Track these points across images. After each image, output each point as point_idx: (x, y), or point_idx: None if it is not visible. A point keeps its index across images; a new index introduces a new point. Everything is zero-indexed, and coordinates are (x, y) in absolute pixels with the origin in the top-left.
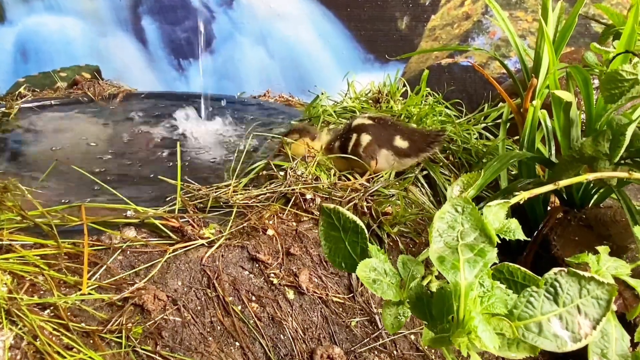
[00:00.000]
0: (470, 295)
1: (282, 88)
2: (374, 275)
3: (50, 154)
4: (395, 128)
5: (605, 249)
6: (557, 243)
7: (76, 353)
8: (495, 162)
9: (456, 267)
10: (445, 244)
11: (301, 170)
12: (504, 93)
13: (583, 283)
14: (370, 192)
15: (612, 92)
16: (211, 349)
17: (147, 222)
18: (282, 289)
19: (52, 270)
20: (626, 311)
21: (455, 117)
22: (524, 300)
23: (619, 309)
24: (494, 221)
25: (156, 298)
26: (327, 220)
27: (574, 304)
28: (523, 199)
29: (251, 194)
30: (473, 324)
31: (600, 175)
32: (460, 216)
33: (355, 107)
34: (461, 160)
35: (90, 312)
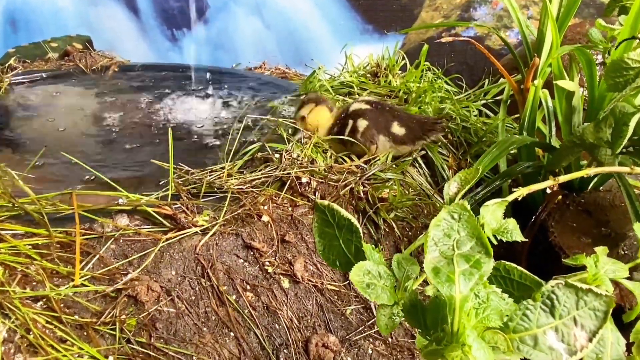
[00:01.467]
0: (465, 307)
1: (278, 60)
2: (367, 279)
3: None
4: (393, 114)
5: (604, 250)
6: (554, 230)
7: (70, 346)
8: (494, 148)
9: (451, 279)
10: (440, 254)
11: (297, 153)
12: (505, 71)
13: (580, 295)
14: (367, 175)
15: (617, 81)
16: (206, 340)
17: (140, 209)
18: (277, 277)
19: (44, 260)
20: (622, 302)
21: (454, 93)
22: (520, 313)
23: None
24: (491, 221)
25: (149, 289)
26: (321, 217)
27: (570, 315)
28: (521, 195)
29: (245, 179)
30: (467, 341)
31: (601, 170)
32: (457, 223)
33: (352, 82)
34: (460, 139)
35: (83, 304)
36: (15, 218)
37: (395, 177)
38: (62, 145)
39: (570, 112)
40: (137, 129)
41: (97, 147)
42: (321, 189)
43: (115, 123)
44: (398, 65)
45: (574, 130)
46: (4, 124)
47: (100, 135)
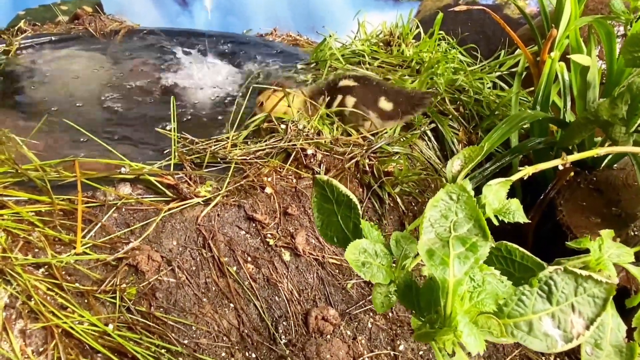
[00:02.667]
0: (459, 291)
1: (289, 26)
2: (363, 257)
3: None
4: (380, 89)
5: (609, 233)
6: (563, 208)
7: (70, 313)
8: (504, 124)
9: (445, 262)
10: (436, 235)
11: (303, 124)
12: (520, 42)
13: (580, 281)
14: (373, 149)
15: (635, 56)
16: (205, 311)
17: (142, 178)
18: (278, 250)
19: (46, 227)
20: (628, 284)
21: (468, 64)
22: (516, 298)
23: (620, 282)
24: (493, 201)
25: (150, 259)
26: (321, 192)
27: (568, 302)
28: (527, 174)
29: (250, 149)
30: (459, 327)
31: (612, 149)
32: (455, 204)
33: (364, 51)
34: (472, 112)
35: (84, 272)
36: (19, 184)
37: (402, 150)
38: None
39: (585, 88)
40: (143, 95)
41: (104, 114)
42: (326, 161)
43: (122, 89)
44: (412, 34)
45: (589, 106)
46: (12, 88)
47: (106, 101)
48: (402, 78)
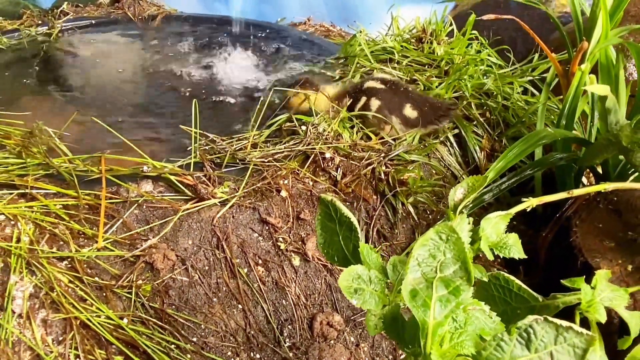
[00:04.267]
0: (439, 332)
1: (323, 16)
2: (356, 284)
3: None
4: (407, 95)
5: (606, 274)
6: (578, 229)
7: (89, 306)
8: (522, 142)
9: (427, 304)
10: (422, 275)
11: (323, 127)
12: (549, 52)
13: (560, 331)
14: (391, 156)
15: None
16: (214, 310)
17: (163, 176)
18: (289, 254)
19: (72, 221)
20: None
21: (500, 67)
22: (494, 344)
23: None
24: (491, 234)
25: (166, 257)
26: (325, 211)
27: (547, 350)
28: (531, 205)
29: (268, 152)
30: None
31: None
32: (444, 244)
33: (394, 48)
34: (498, 119)
35: (104, 267)
36: (49, 177)
37: (420, 159)
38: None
39: (605, 113)
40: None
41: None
42: (344, 165)
43: (154, 78)
44: (445, 31)
45: (611, 128)
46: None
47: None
48: (429, 79)
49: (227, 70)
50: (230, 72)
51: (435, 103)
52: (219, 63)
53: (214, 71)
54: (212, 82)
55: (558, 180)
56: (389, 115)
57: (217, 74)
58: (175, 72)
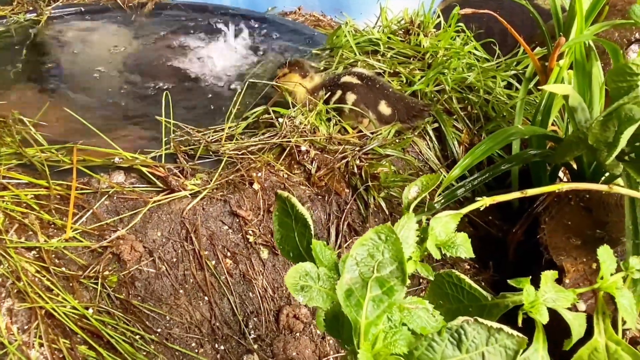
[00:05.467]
0: (372, 331)
1: (314, 5)
2: (303, 281)
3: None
4: (382, 92)
5: (552, 275)
6: (546, 226)
7: (55, 296)
8: (490, 139)
9: (360, 304)
10: (360, 274)
11: (299, 120)
12: (527, 47)
13: (492, 332)
14: (365, 150)
15: (619, 86)
16: (180, 302)
17: (135, 167)
18: (257, 247)
19: (42, 211)
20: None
21: (485, 60)
22: (426, 344)
23: (587, 310)
24: (440, 233)
25: (133, 249)
26: (282, 207)
27: (478, 351)
28: (484, 205)
29: (242, 144)
30: None
31: (575, 186)
32: (383, 244)
33: (380, 40)
34: (479, 113)
35: (71, 257)
36: (22, 167)
37: (395, 153)
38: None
39: (572, 111)
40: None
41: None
42: (319, 159)
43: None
44: (433, 23)
45: (580, 126)
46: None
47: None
48: (412, 72)
49: (212, 59)
50: (215, 61)
51: (410, 102)
52: (205, 52)
53: (198, 60)
54: (196, 71)
55: (533, 176)
56: (366, 109)
57: (202, 63)
58: (161, 61)
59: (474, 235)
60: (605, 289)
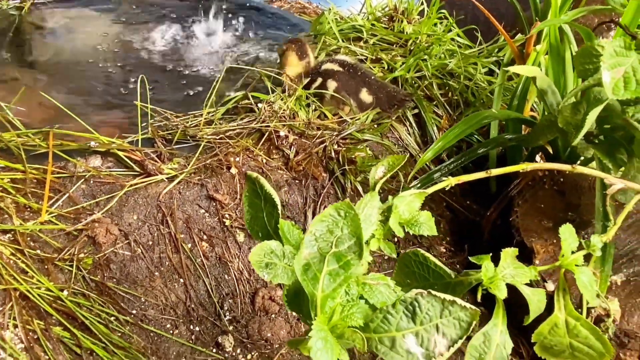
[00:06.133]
0: (329, 304)
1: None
2: (268, 259)
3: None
4: (364, 79)
5: (512, 252)
6: (519, 209)
7: (29, 278)
8: (462, 123)
9: (317, 278)
10: (318, 250)
11: (279, 105)
12: (505, 33)
13: (446, 304)
14: (343, 135)
15: (586, 67)
16: (155, 284)
17: (112, 151)
18: (234, 230)
19: (18, 194)
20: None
21: (467, 47)
22: (381, 316)
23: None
24: (404, 212)
25: (108, 232)
26: (252, 187)
27: (432, 323)
28: (450, 184)
29: (221, 129)
30: (309, 342)
31: (539, 166)
32: (342, 220)
33: (364, 27)
34: (460, 99)
35: (47, 240)
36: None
37: (373, 138)
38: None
39: (542, 94)
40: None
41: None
42: (297, 144)
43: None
44: (416, 10)
45: (552, 109)
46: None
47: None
48: (394, 58)
49: (195, 47)
50: (198, 48)
51: (392, 91)
52: (188, 38)
53: (182, 48)
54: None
55: (509, 160)
56: (347, 96)
57: (185, 51)
58: (143, 48)
59: (452, 220)
60: (566, 266)
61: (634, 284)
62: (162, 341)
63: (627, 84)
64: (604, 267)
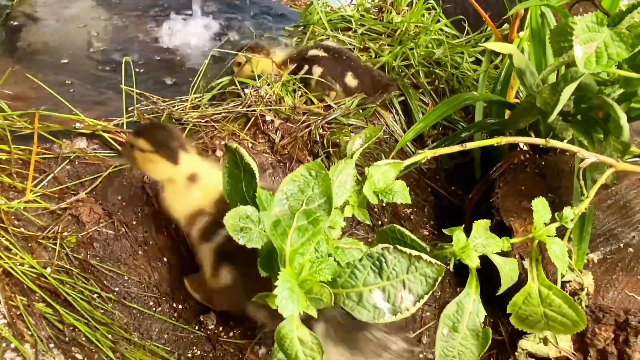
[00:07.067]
0: (298, 260)
1: None
2: (243, 223)
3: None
4: (349, 64)
5: (485, 224)
6: (500, 190)
7: (13, 255)
8: (443, 104)
9: (286, 233)
10: (289, 208)
11: (265, 90)
12: (489, 20)
13: (412, 260)
14: (328, 119)
15: (562, 45)
16: (139, 263)
17: (97, 133)
18: None
19: (3, 174)
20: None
21: (454, 37)
22: (349, 271)
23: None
24: (379, 181)
25: (92, 211)
26: (232, 159)
27: (399, 278)
28: (425, 157)
29: (206, 113)
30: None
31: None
32: (314, 180)
33: (353, 17)
34: (447, 86)
35: (31, 219)
36: None
37: (358, 123)
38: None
39: (521, 73)
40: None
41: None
42: (283, 128)
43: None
44: (406, 1)
45: (532, 91)
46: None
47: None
48: (382, 47)
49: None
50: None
51: (376, 76)
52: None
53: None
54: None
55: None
56: (333, 81)
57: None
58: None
59: (436, 204)
60: (538, 238)
61: (610, 262)
62: (144, 318)
63: (598, 58)
64: (581, 244)
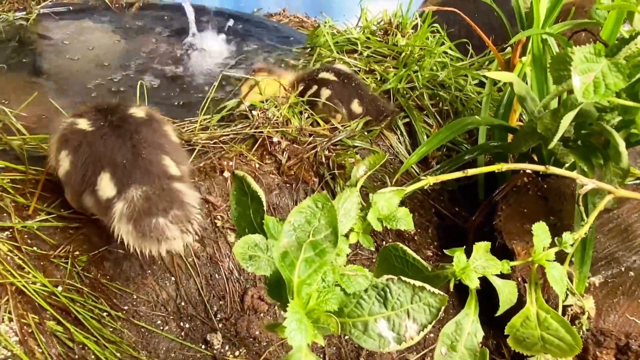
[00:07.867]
0: (305, 290)
1: (299, 7)
2: (251, 251)
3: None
4: (356, 91)
5: (485, 246)
6: (502, 213)
7: (26, 274)
8: (446, 129)
9: (294, 265)
10: (296, 239)
11: (272, 112)
12: (491, 45)
13: (416, 290)
14: (333, 141)
15: (561, 74)
16: (147, 282)
17: None
18: (225, 231)
19: (17, 194)
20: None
21: (458, 60)
22: (355, 301)
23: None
24: (383, 208)
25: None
26: (239, 186)
27: (403, 308)
28: (428, 183)
29: (214, 134)
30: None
31: (514, 166)
32: (320, 212)
33: (358, 39)
34: (450, 109)
35: (43, 237)
36: (2, 152)
37: (363, 145)
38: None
39: (521, 100)
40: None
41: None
42: (290, 149)
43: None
44: (411, 24)
45: (533, 116)
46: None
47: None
48: (387, 70)
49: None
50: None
51: (380, 105)
52: (187, 49)
53: (180, 57)
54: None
55: None
56: (339, 104)
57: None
58: (144, 59)
59: (440, 225)
60: (538, 261)
61: (611, 285)
62: (152, 337)
63: (596, 88)
64: (582, 268)
